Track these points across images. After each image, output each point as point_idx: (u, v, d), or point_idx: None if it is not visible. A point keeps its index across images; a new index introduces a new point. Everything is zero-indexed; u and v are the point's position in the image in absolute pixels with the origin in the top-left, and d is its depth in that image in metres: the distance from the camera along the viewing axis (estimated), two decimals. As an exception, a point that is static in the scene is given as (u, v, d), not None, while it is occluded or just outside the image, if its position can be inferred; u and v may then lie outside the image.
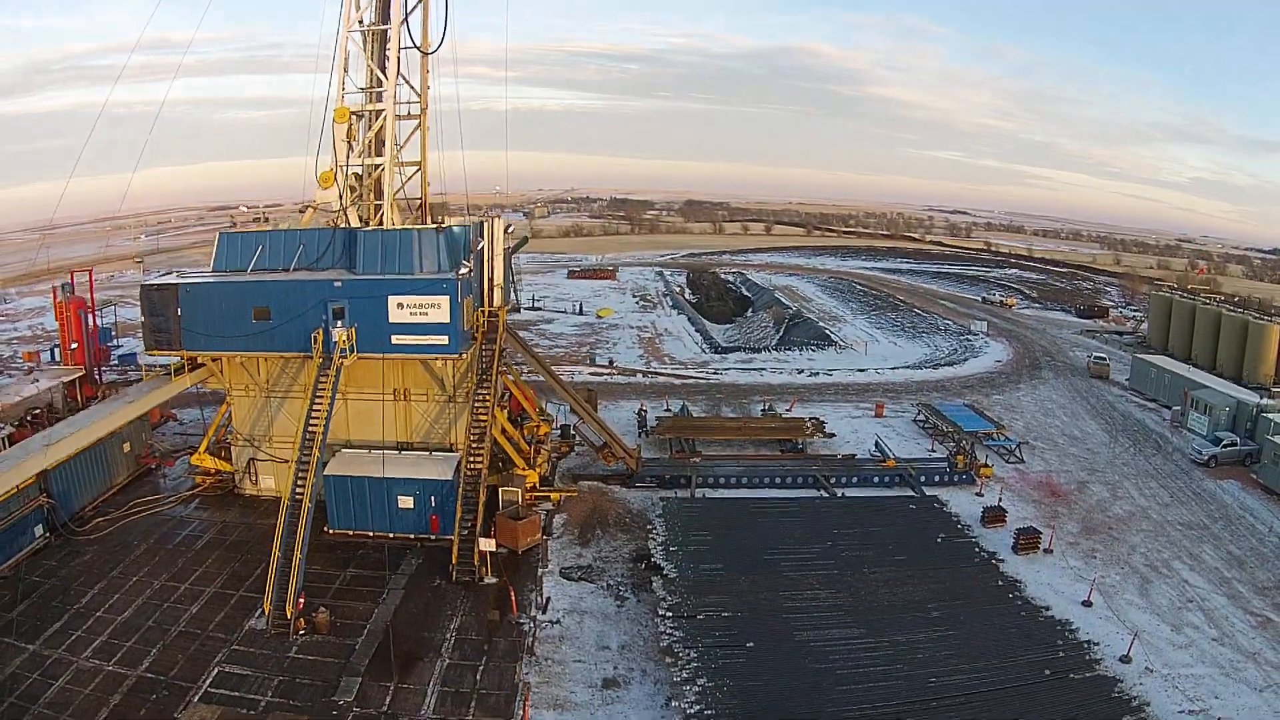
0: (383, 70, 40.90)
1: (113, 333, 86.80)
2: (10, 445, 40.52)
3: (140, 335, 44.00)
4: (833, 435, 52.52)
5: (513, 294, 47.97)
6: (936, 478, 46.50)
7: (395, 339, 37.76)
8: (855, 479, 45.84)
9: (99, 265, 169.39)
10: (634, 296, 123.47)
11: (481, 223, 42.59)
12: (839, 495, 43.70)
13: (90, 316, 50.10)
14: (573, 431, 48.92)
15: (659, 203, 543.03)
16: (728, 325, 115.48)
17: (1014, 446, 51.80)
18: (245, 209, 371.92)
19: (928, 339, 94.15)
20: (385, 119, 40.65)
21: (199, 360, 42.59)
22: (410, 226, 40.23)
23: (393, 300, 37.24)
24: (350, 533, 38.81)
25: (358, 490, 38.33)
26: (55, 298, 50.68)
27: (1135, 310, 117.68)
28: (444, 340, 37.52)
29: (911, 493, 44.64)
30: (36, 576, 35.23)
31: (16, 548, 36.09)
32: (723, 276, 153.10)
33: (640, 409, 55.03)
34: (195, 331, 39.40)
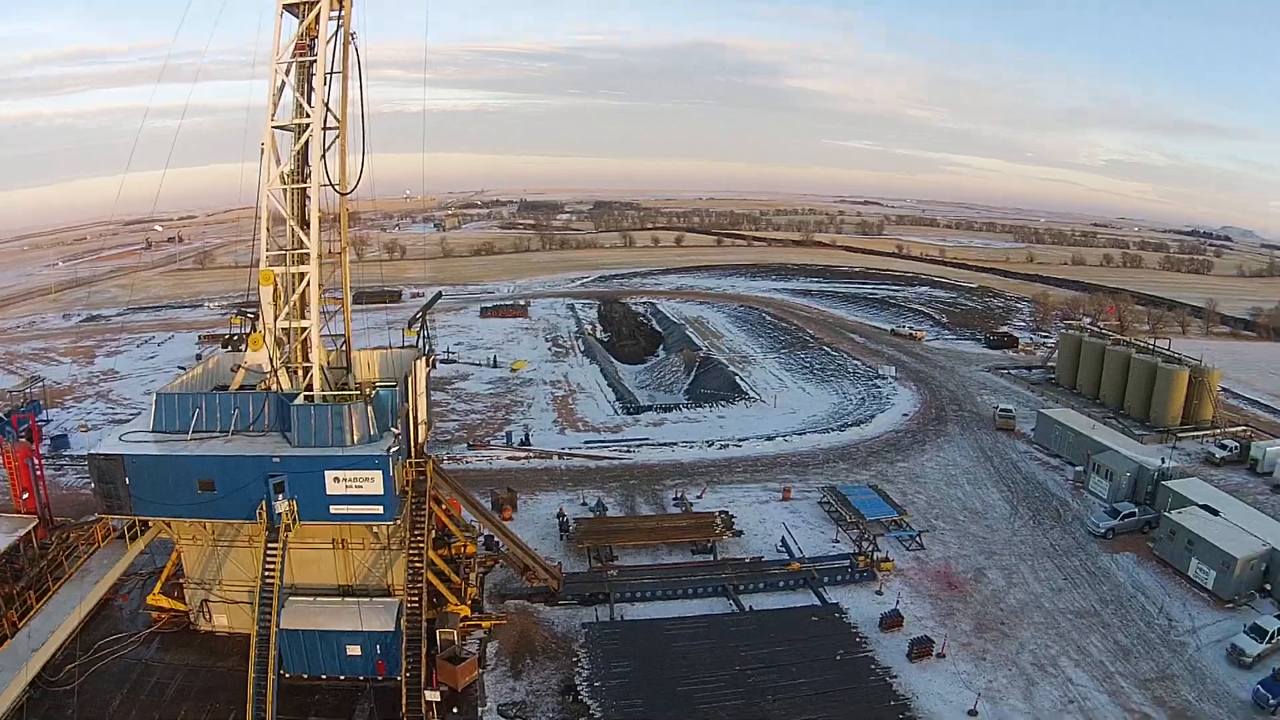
0: (305, 230, 42.39)
1: (41, 403, 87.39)
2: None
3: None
4: (740, 534, 56.32)
5: (426, 344, 52.01)
6: (840, 577, 50.62)
7: (334, 509, 40.20)
8: (762, 585, 49.99)
9: (16, 304, 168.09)
10: (546, 340, 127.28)
11: (407, 375, 45.29)
12: (747, 609, 47.64)
13: (38, 463, 51.73)
14: (498, 544, 52.04)
15: (568, 204, 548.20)
16: (639, 366, 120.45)
17: (915, 535, 55.80)
18: (159, 228, 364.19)
19: (836, 384, 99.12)
20: (309, 281, 42.15)
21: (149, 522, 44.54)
22: (341, 394, 42.59)
23: (329, 474, 39.66)
24: (305, 676, 41.90)
25: (309, 640, 41.49)
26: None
27: (1045, 335, 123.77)
28: (379, 510, 40.27)
29: (815, 600, 48.78)
30: (26, 740, 36.84)
31: (-2, 711, 37.17)
32: (634, 308, 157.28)
33: (559, 513, 58.07)
34: (144, 499, 41.22)
